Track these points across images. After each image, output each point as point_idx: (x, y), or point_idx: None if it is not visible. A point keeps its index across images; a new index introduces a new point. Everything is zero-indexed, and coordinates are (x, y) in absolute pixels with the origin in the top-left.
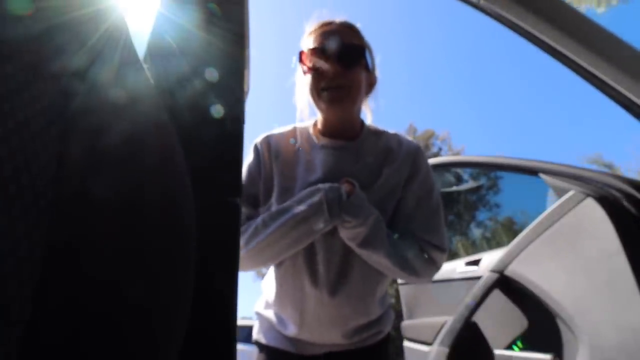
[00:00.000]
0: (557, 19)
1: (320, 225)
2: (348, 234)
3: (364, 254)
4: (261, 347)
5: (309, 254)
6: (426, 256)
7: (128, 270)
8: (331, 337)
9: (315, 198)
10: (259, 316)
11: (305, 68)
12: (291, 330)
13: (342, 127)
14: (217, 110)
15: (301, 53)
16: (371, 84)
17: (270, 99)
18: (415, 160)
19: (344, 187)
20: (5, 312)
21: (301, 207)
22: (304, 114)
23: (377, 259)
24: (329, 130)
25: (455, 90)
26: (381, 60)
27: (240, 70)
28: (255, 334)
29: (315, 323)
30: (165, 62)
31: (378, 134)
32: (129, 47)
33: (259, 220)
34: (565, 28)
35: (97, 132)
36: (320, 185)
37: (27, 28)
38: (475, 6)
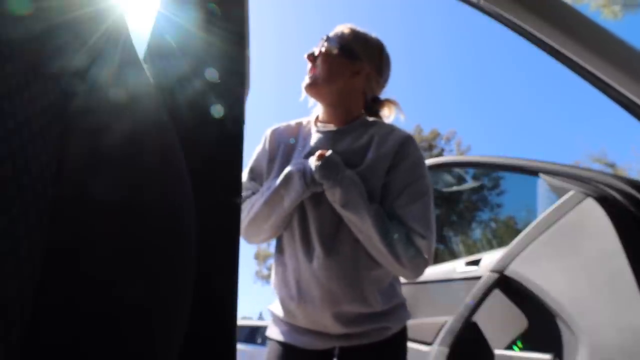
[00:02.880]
0: (558, 19)
1: (293, 194)
2: (329, 196)
3: (347, 217)
4: (273, 342)
5: (303, 222)
6: (411, 242)
7: (128, 270)
8: (324, 319)
9: (287, 170)
10: (271, 312)
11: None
12: (289, 309)
13: (334, 112)
14: (217, 110)
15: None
16: (358, 71)
17: (270, 99)
18: (403, 147)
19: (316, 155)
20: (5, 312)
21: (278, 180)
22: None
23: (361, 225)
24: (324, 116)
25: (460, 91)
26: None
27: (240, 70)
28: (268, 330)
29: (309, 297)
30: (165, 62)
31: (373, 124)
32: (129, 47)
33: (258, 193)
34: (565, 28)
35: (97, 132)
36: (293, 162)
37: (27, 28)
38: (475, 6)
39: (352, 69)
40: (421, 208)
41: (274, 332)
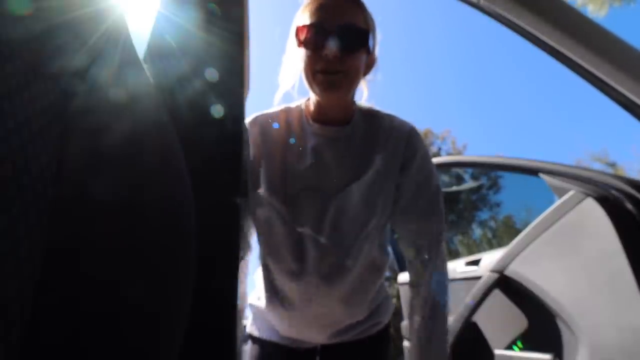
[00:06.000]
0: (557, 19)
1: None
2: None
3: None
4: (254, 339)
5: (299, 253)
6: (439, 257)
7: (128, 269)
8: (319, 337)
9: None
10: (252, 308)
11: (300, 44)
12: (278, 328)
13: (335, 113)
14: (217, 110)
15: (297, 29)
16: (369, 65)
17: (270, 99)
18: (410, 143)
19: None
20: (5, 312)
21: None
22: (294, 90)
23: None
24: (321, 116)
25: (459, 90)
26: (384, 60)
27: (240, 70)
28: (249, 327)
29: (305, 322)
30: (165, 62)
31: (370, 116)
32: (129, 47)
33: None
34: (565, 28)
35: (97, 132)
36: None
37: (27, 28)
38: (475, 6)
39: (368, 62)
40: (438, 207)
41: (257, 329)
